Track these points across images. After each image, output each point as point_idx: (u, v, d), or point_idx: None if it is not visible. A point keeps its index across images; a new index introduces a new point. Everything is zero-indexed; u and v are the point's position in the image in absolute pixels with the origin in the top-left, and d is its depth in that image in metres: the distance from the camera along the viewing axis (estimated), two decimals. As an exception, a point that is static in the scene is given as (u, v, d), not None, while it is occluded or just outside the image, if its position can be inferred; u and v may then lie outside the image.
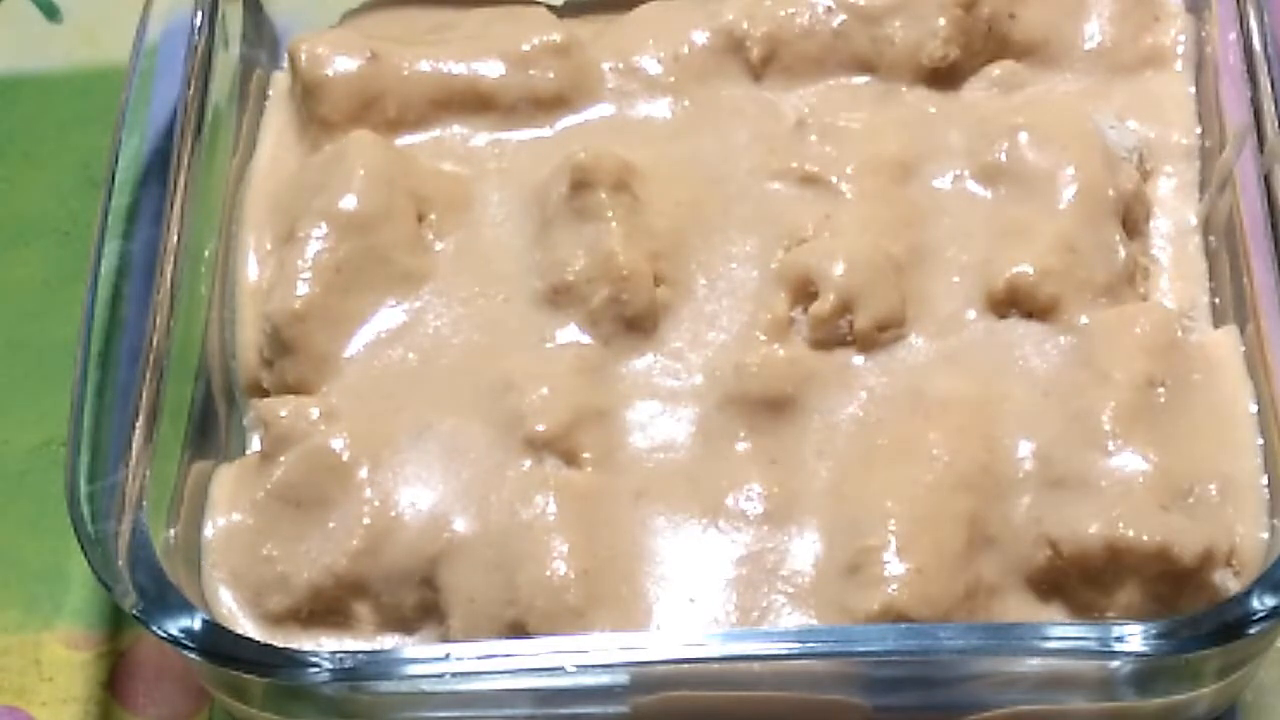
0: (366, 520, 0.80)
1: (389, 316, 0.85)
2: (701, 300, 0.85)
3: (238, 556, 0.81)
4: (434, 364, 0.84)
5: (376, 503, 0.80)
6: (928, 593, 0.76)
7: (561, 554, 0.78)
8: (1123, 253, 0.84)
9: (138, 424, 0.79)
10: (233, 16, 0.92)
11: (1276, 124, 0.83)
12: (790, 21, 0.90)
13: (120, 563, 0.76)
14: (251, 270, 0.88)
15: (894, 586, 0.76)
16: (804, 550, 0.79)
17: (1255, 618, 0.73)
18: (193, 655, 0.76)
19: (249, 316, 0.87)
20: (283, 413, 0.82)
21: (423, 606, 0.80)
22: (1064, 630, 0.74)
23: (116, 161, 0.85)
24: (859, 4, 0.90)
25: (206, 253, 0.87)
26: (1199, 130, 0.89)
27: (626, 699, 0.77)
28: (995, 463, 0.80)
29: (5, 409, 0.94)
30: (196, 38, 0.89)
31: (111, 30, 1.02)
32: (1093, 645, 0.74)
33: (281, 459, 0.82)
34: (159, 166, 0.85)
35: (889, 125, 0.89)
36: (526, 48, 0.91)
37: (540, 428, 0.81)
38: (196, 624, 0.76)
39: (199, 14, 0.89)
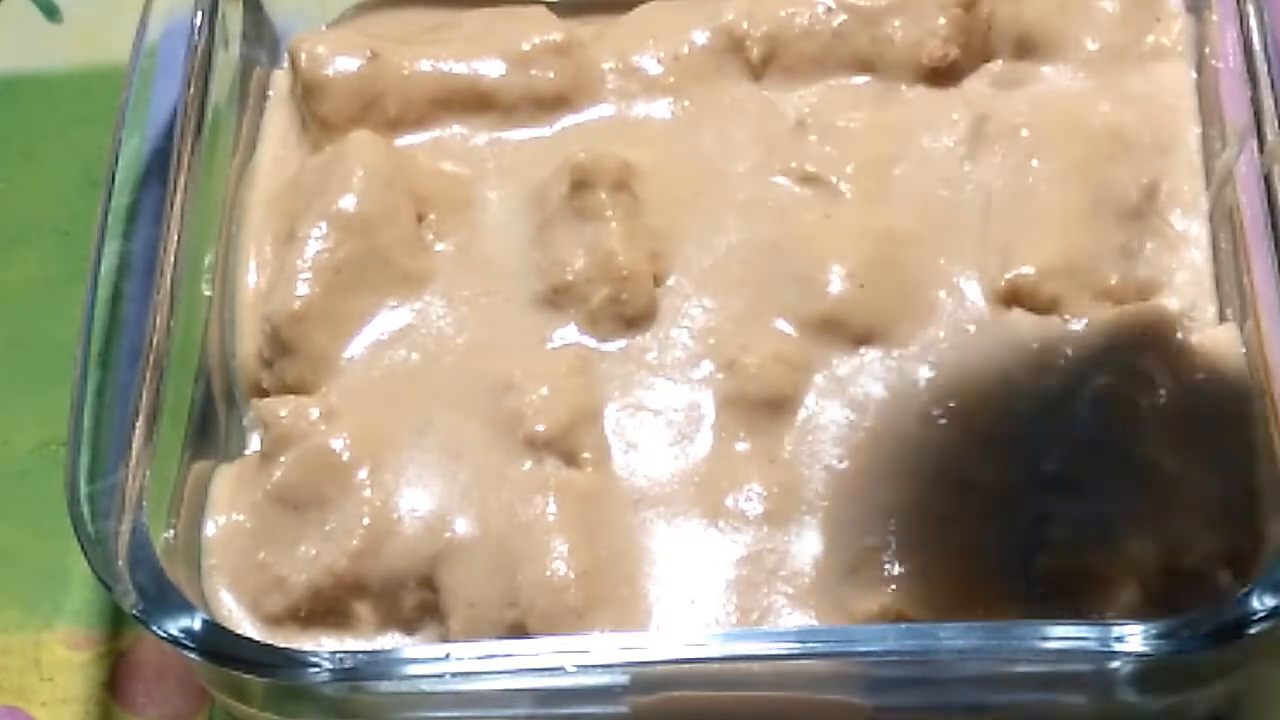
0: (366, 520, 0.80)
1: (389, 317, 0.85)
2: (701, 300, 0.86)
3: (238, 556, 0.81)
4: (434, 364, 0.84)
5: (377, 503, 0.80)
6: (928, 593, 0.76)
7: (561, 554, 0.78)
8: (1124, 253, 0.84)
9: (138, 424, 0.79)
10: (233, 16, 0.92)
11: (1276, 124, 0.83)
12: (790, 21, 0.90)
13: (120, 563, 0.76)
14: (251, 271, 0.88)
15: (894, 587, 0.76)
16: (804, 551, 0.79)
17: (1255, 618, 0.73)
18: (193, 655, 0.76)
19: (249, 317, 0.86)
20: (283, 413, 0.82)
21: (423, 607, 0.80)
22: (1064, 630, 0.74)
23: (116, 161, 0.85)
24: (859, 4, 0.90)
25: (207, 253, 0.87)
26: (1199, 130, 0.89)
27: (626, 699, 0.77)
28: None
29: (5, 409, 0.94)
30: (196, 38, 0.89)
31: (111, 30, 1.02)
32: (1093, 645, 0.73)
33: (281, 459, 0.81)
34: (159, 166, 0.85)
35: (889, 125, 0.89)
36: (527, 47, 0.90)
37: (540, 428, 0.80)
38: (196, 624, 0.75)
39: (199, 14, 0.89)
